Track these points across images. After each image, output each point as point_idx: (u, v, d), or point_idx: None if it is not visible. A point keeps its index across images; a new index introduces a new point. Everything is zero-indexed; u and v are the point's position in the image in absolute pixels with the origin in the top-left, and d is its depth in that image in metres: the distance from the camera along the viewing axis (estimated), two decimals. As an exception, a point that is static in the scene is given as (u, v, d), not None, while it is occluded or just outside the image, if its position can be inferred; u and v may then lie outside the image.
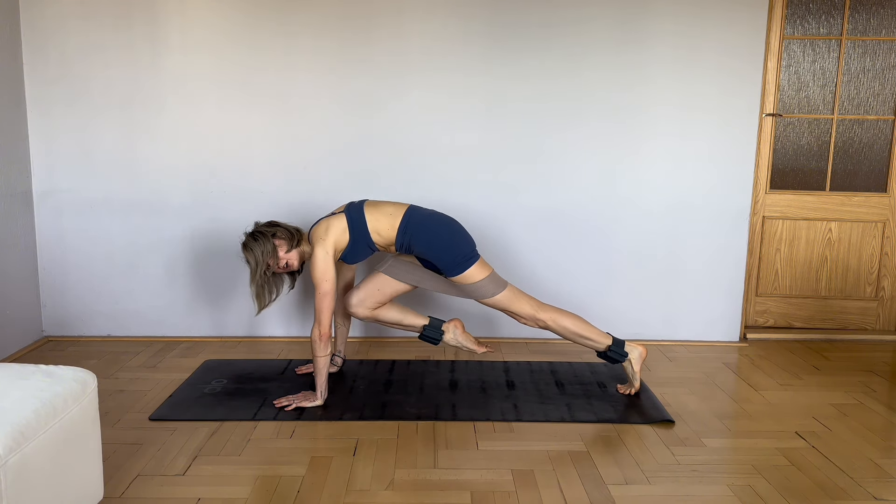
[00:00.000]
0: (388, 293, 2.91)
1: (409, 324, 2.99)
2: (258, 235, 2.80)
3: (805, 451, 2.50)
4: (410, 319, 2.99)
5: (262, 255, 2.77)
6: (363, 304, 2.91)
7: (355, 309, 2.91)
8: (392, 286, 2.91)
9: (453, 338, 3.03)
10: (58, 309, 3.66)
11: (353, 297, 2.91)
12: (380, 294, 2.90)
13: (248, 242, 2.81)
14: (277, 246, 2.80)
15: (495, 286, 2.86)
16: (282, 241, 2.81)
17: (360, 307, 2.91)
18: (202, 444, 2.48)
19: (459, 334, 3.03)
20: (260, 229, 2.82)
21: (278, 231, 2.81)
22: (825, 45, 3.71)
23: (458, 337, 3.03)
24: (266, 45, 3.49)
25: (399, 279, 2.91)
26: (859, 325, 3.92)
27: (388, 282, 2.91)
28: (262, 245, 2.77)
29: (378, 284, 2.91)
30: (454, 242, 2.84)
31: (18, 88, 3.44)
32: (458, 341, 3.03)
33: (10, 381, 1.82)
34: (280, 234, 2.81)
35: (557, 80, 3.54)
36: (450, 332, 3.02)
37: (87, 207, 3.59)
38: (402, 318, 2.98)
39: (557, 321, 2.89)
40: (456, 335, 3.03)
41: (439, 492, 2.18)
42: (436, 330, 3.00)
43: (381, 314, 2.94)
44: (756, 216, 3.81)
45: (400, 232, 2.83)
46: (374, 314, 2.93)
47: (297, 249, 2.86)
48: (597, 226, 3.67)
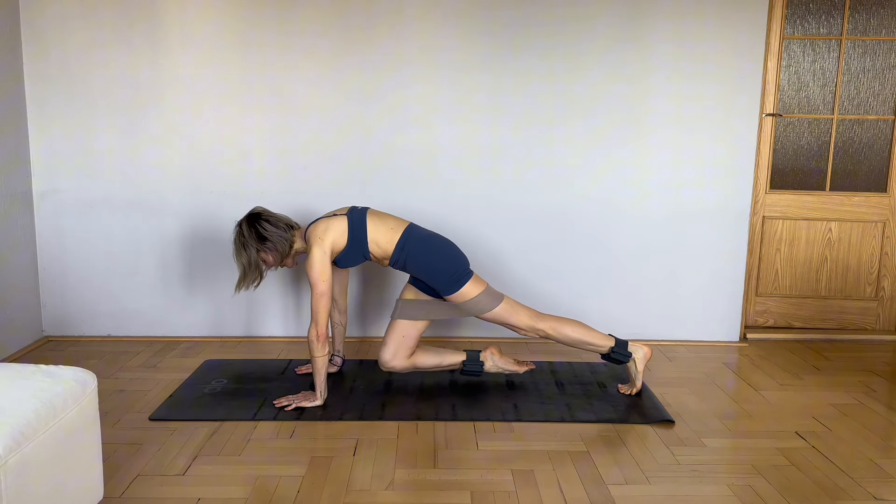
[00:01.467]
0: (413, 336, 2.93)
1: (449, 363, 3.02)
2: (247, 246, 2.80)
3: (805, 451, 2.50)
4: (449, 359, 3.02)
5: (248, 263, 2.81)
6: (397, 356, 2.92)
7: (392, 364, 2.92)
8: (413, 328, 2.92)
9: (493, 365, 3.06)
10: (58, 309, 3.66)
11: (385, 354, 2.92)
12: (407, 340, 2.92)
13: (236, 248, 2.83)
14: (263, 259, 2.84)
15: (492, 300, 2.87)
16: (267, 255, 2.84)
17: (396, 360, 2.92)
18: (202, 444, 2.48)
19: (498, 360, 3.07)
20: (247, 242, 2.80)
21: (267, 244, 2.81)
22: (825, 44, 3.71)
23: (497, 363, 3.06)
24: (266, 45, 3.48)
25: (415, 318, 2.92)
26: (859, 325, 3.92)
27: (407, 326, 2.92)
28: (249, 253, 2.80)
29: (401, 332, 2.92)
30: (448, 263, 2.85)
31: (18, 88, 3.44)
32: (499, 367, 3.07)
33: (10, 381, 1.82)
34: (268, 246, 2.81)
35: (557, 80, 3.54)
36: (489, 361, 3.05)
37: (87, 207, 3.59)
38: (440, 360, 3.01)
39: (557, 329, 2.90)
40: (495, 362, 3.06)
41: (439, 492, 2.18)
42: (475, 363, 3.03)
43: (419, 361, 2.97)
44: (756, 216, 3.81)
45: (397, 248, 2.83)
46: (412, 362, 2.95)
47: (289, 256, 2.88)
48: (597, 225, 3.67)
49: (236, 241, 2.83)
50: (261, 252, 2.82)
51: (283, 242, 2.82)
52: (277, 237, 2.81)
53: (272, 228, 2.81)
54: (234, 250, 2.85)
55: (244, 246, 2.81)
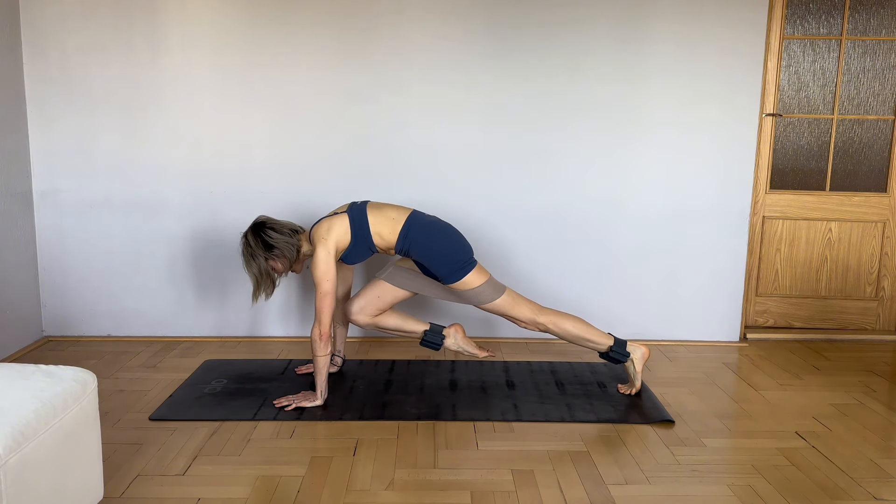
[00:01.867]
0: (388, 300, 2.92)
1: (410, 330, 2.99)
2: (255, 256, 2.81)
3: (805, 451, 2.50)
4: (411, 326, 2.99)
5: (260, 273, 2.83)
6: (363, 311, 2.91)
7: (356, 316, 2.92)
8: (392, 293, 2.91)
9: (454, 343, 3.03)
10: (58, 309, 3.66)
11: (354, 305, 2.92)
12: (380, 301, 2.91)
13: (246, 260, 2.85)
14: (272, 267, 2.86)
15: (494, 291, 2.87)
16: (276, 262, 2.85)
17: (361, 314, 2.92)
18: (202, 444, 2.48)
19: (460, 339, 3.04)
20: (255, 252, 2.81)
21: (274, 252, 2.82)
22: (825, 45, 3.71)
23: (459, 342, 3.04)
24: (266, 45, 3.49)
25: (399, 286, 2.91)
26: (859, 325, 3.92)
27: (388, 289, 2.91)
28: (258, 263, 2.82)
29: (378, 292, 2.91)
30: (452, 251, 2.85)
31: (18, 88, 3.44)
32: (460, 346, 3.04)
33: (10, 381, 1.82)
34: (276, 253, 2.82)
35: (557, 80, 3.54)
36: (451, 338, 3.02)
37: (87, 207, 3.59)
38: (402, 324, 2.98)
39: (558, 324, 2.89)
40: (457, 340, 3.03)
41: (439, 492, 2.18)
42: (437, 335, 3.00)
43: (382, 321, 2.95)
44: (756, 216, 3.81)
45: (401, 237, 2.83)
46: (375, 321, 2.94)
47: (298, 261, 2.90)
48: (597, 225, 3.67)
49: (244, 253, 2.84)
50: (269, 260, 2.83)
51: (290, 248, 2.83)
52: (284, 244, 2.81)
53: (277, 235, 2.81)
54: (243, 262, 2.87)
55: (252, 256, 2.82)
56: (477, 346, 3.08)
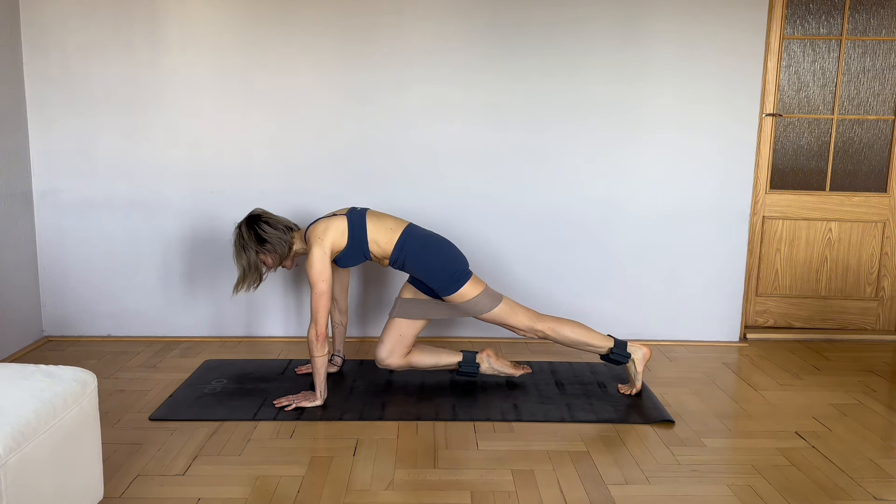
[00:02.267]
0: (410, 335, 2.95)
1: (446, 364, 3.04)
2: (247, 248, 2.81)
3: (805, 451, 2.50)
4: (445, 360, 3.04)
5: (248, 265, 2.83)
6: (393, 354, 2.94)
7: (388, 361, 2.95)
8: (411, 327, 2.94)
9: (489, 367, 3.07)
10: (58, 309, 3.66)
11: (382, 352, 2.95)
12: (403, 339, 2.95)
13: (236, 250, 2.84)
14: (262, 261, 2.86)
15: (491, 300, 2.87)
16: (266, 257, 2.85)
17: (392, 358, 2.94)
18: (202, 444, 2.48)
19: (494, 362, 3.08)
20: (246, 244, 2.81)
21: (266, 246, 2.82)
22: (825, 45, 3.71)
23: (493, 365, 3.07)
24: (266, 44, 3.48)
25: (413, 318, 2.94)
26: (859, 325, 3.92)
27: (404, 325, 2.94)
28: (248, 255, 2.82)
29: (397, 331, 2.94)
30: (447, 263, 2.86)
31: (18, 88, 3.44)
32: (495, 369, 3.08)
33: (10, 381, 1.82)
34: (267, 248, 2.82)
35: (558, 80, 3.54)
36: (485, 363, 3.06)
37: (87, 207, 3.59)
38: (436, 360, 3.03)
39: (556, 330, 2.90)
40: (491, 363, 3.07)
41: (439, 492, 2.18)
42: (471, 364, 3.04)
43: (415, 361, 2.99)
44: (756, 216, 3.81)
45: (396, 248, 2.84)
46: (408, 361, 2.98)
47: (289, 258, 2.89)
48: (597, 225, 3.67)
49: (236, 243, 2.84)
50: (260, 254, 2.83)
51: (283, 244, 2.83)
52: (276, 239, 2.81)
53: (271, 230, 2.81)
54: (233, 252, 2.87)
55: (244, 248, 2.82)
56: (512, 364, 3.12)
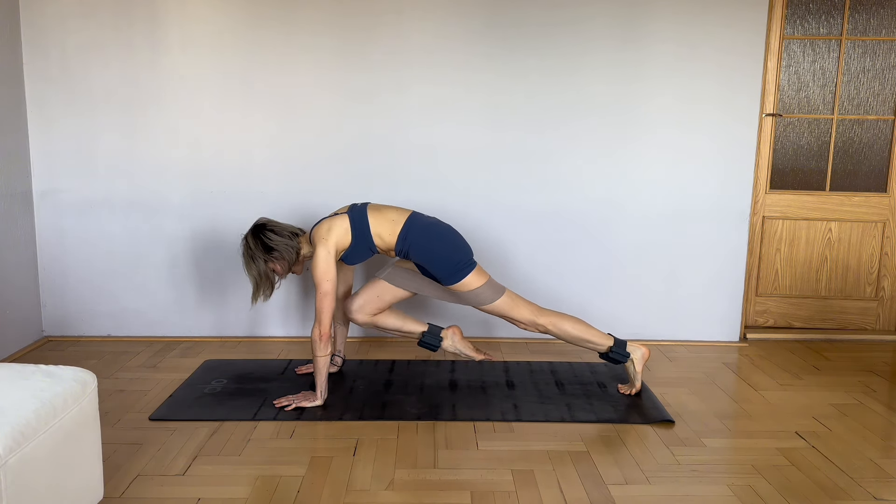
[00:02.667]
0: (387, 300, 2.93)
1: (408, 330, 3.01)
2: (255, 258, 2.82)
3: (805, 451, 2.50)
4: (409, 326, 3.01)
5: (259, 275, 2.84)
6: (363, 309, 2.92)
7: (355, 315, 2.93)
8: (392, 293, 2.93)
9: (452, 344, 3.05)
10: (58, 309, 3.66)
11: (353, 304, 2.93)
12: (379, 300, 2.93)
13: (246, 262, 2.86)
14: (272, 269, 2.87)
15: (493, 292, 2.87)
16: (276, 265, 2.86)
17: (360, 313, 2.93)
18: (202, 444, 2.48)
19: (458, 341, 3.05)
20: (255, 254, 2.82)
21: (274, 254, 2.82)
22: (825, 45, 3.71)
23: (456, 343, 3.05)
24: (266, 45, 3.48)
25: (399, 286, 2.92)
26: (859, 325, 3.92)
27: (387, 288, 2.92)
28: (258, 265, 2.83)
29: (378, 291, 2.93)
30: (451, 252, 2.85)
31: (18, 88, 3.44)
32: (457, 348, 3.05)
33: (10, 381, 1.82)
34: (276, 255, 2.83)
35: (557, 80, 3.54)
36: (448, 339, 3.04)
37: (87, 207, 3.59)
38: (401, 324, 3.00)
39: (557, 325, 2.90)
40: (454, 342, 3.05)
41: (439, 492, 2.18)
42: (434, 336, 3.01)
43: (381, 320, 2.97)
44: (756, 216, 3.81)
45: (400, 238, 2.84)
46: (374, 320, 2.95)
47: (298, 263, 2.90)
48: (596, 225, 3.67)
49: (244, 255, 2.85)
50: (269, 262, 2.84)
51: (290, 251, 2.83)
52: (284, 246, 2.82)
53: (277, 238, 2.82)
54: (243, 263, 2.88)
55: (252, 258, 2.83)
56: (475, 348, 3.08)
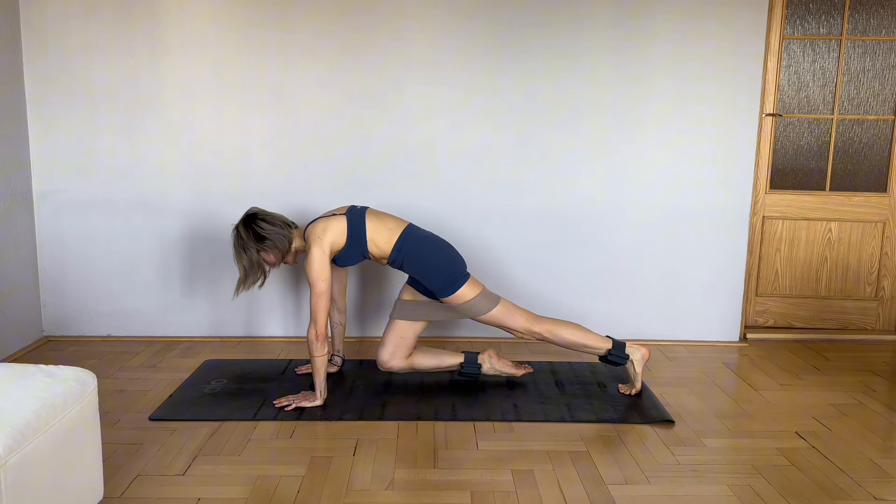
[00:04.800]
0: (411, 336, 2.96)
1: (448, 365, 3.06)
2: (247, 247, 2.80)
3: (805, 451, 2.50)
4: (447, 361, 3.05)
5: (250, 264, 2.83)
6: (395, 356, 2.95)
7: (390, 364, 2.96)
8: (411, 329, 2.95)
9: (491, 367, 3.08)
10: (58, 309, 3.66)
11: (383, 355, 2.95)
12: (404, 341, 2.95)
13: (236, 251, 2.84)
14: (264, 259, 2.85)
15: (488, 302, 2.87)
16: (268, 254, 2.84)
17: (394, 360, 2.95)
18: (202, 444, 2.48)
19: (496, 362, 3.08)
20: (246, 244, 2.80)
21: (266, 243, 2.81)
22: (825, 45, 3.71)
23: (494, 365, 3.08)
24: (266, 45, 3.48)
25: (413, 319, 2.95)
26: (859, 325, 3.92)
27: (405, 326, 2.94)
28: (249, 255, 2.81)
29: (399, 333, 2.95)
30: (445, 264, 2.86)
31: (18, 88, 3.44)
32: (496, 369, 3.09)
33: (10, 381, 1.82)
34: (268, 245, 2.81)
35: (557, 80, 3.54)
36: (486, 363, 3.07)
37: (87, 207, 3.59)
38: (438, 362, 3.04)
39: (553, 332, 2.90)
40: (493, 364, 3.08)
41: (439, 492, 2.18)
42: (473, 365, 3.05)
43: (417, 363, 3.00)
44: (756, 216, 3.81)
45: (395, 249, 2.84)
46: (410, 363, 2.99)
47: (290, 253, 2.89)
48: (596, 226, 3.67)
49: (235, 244, 2.84)
50: (261, 252, 2.83)
51: (282, 239, 2.82)
52: (275, 235, 2.81)
53: (269, 227, 2.81)
54: (234, 253, 2.86)
55: (244, 248, 2.81)
56: (514, 364, 3.12)
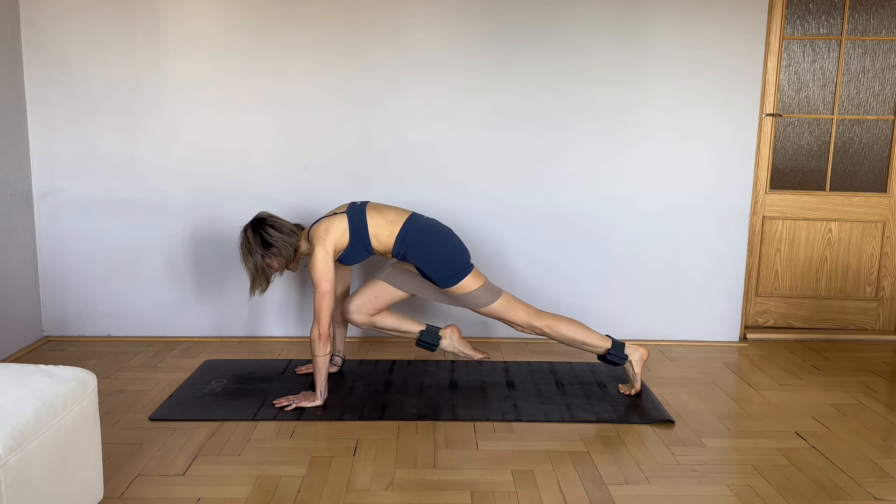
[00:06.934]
0: (385, 300, 2.93)
1: (406, 330, 3.01)
2: (253, 252, 2.81)
3: (805, 451, 2.50)
4: (407, 326, 3.01)
5: (255, 269, 2.83)
6: (361, 310, 2.92)
7: (353, 315, 2.93)
8: (390, 293, 2.93)
9: (450, 344, 3.05)
10: (58, 309, 3.66)
11: (351, 304, 2.93)
12: (377, 301, 2.92)
13: (243, 254, 2.84)
14: (268, 265, 2.86)
15: (490, 295, 2.87)
16: (272, 260, 2.85)
17: (358, 313, 2.92)
18: (202, 444, 2.48)
19: (456, 340, 3.05)
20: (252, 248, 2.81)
21: (272, 250, 2.81)
22: (825, 45, 3.71)
23: (455, 343, 3.05)
24: (266, 45, 3.48)
25: (397, 287, 2.92)
26: (859, 325, 3.92)
27: (386, 289, 2.92)
28: (255, 259, 2.82)
29: (376, 291, 2.92)
30: (449, 255, 2.86)
31: (18, 88, 3.44)
32: (456, 347, 3.05)
33: (10, 381, 1.82)
34: (273, 252, 2.82)
35: (557, 80, 3.54)
36: (447, 339, 3.04)
37: (87, 207, 3.59)
38: (399, 324, 2.99)
39: (554, 328, 2.90)
40: (453, 341, 3.05)
41: (439, 492, 2.18)
42: (433, 336, 3.01)
43: (379, 321, 2.96)
44: (756, 216, 3.81)
45: (398, 240, 2.84)
46: (372, 320, 2.95)
47: (294, 260, 2.90)
48: (596, 226, 3.67)
49: (242, 248, 2.85)
50: (266, 258, 2.83)
51: (288, 248, 2.83)
52: (282, 243, 2.81)
53: (277, 234, 2.82)
54: (240, 256, 2.87)
55: (250, 252, 2.82)
56: (473, 347, 3.09)
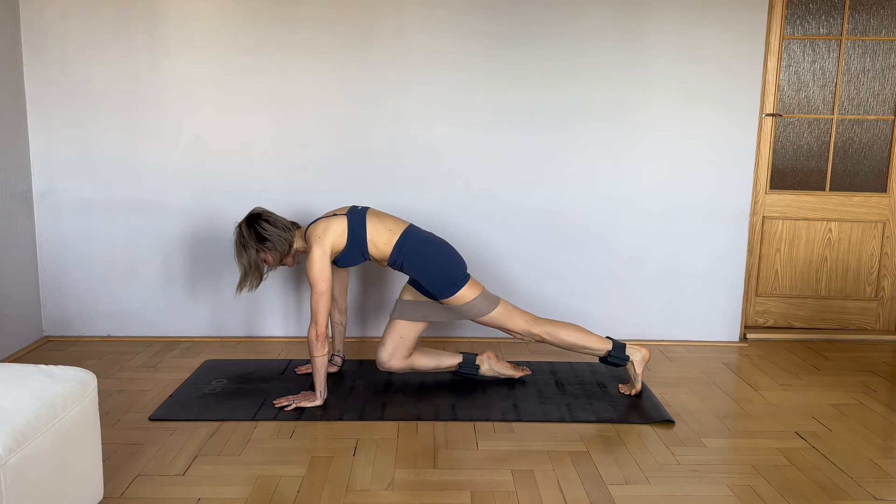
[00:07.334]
0: (411, 337, 2.96)
1: (447, 366, 3.07)
2: (247, 246, 2.80)
3: (805, 451, 2.50)
4: (446, 362, 3.07)
5: (249, 264, 2.82)
6: (394, 356, 2.95)
7: (389, 364, 2.96)
8: (411, 329, 2.95)
9: (489, 369, 3.10)
10: (58, 309, 3.66)
11: (383, 354, 2.96)
12: (405, 341, 2.96)
13: (237, 249, 2.83)
14: (263, 259, 2.84)
15: (488, 304, 2.88)
16: (267, 255, 2.84)
17: (393, 360, 2.96)
18: (202, 444, 2.48)
19: (494, 364, 3.10)
20: (247, 242, 2.80)
21: (267, 244, 2.80)
22: (825, 45, 3.71)
23: (493, 366, 3.10)
24: (266, 45, 3.48)
25: (413, 319, 2.95)
26: (859, 325, 3.92)
27: (405, 326, 2.95)
28: (249, 254, 2.81)
29: (399, 333, 2.95)
30: (445, 265, 2.86)
31: (18, 88, 3.44)
32: (495, 371, 3.10)
33: (10, 381, 1.82)
34: (268, 245, 2.81)
35: (557, 80, 3.54)
36: (485, 364, 3.09)
37: (87, 207, 3.59)
38: (437, 363, 3.05)
39: (553, 334, 2.90)
40: (491, 365, 3.10)
41: (439, 492, 2.18)
42: (471, 366, 3.07)
43: (417, 364, 3.01)
44: (756, 216, 3.81)
45: (395, 250, 2.84)
46: (409, 363, 2.99)
47: (289, 255, 2.88)
48: (597, 226, 3.67)
49: (236, 242, 2.84)
50: (260, 252, 2.82)
51: (283, 242, 2.82)
52: (277, 237, 2.81)
53: (272, 228, 2.81)
54: (234, 251, 2.86)
55: (244, 246, 2.81)
56: (512, 366, 3.13)
